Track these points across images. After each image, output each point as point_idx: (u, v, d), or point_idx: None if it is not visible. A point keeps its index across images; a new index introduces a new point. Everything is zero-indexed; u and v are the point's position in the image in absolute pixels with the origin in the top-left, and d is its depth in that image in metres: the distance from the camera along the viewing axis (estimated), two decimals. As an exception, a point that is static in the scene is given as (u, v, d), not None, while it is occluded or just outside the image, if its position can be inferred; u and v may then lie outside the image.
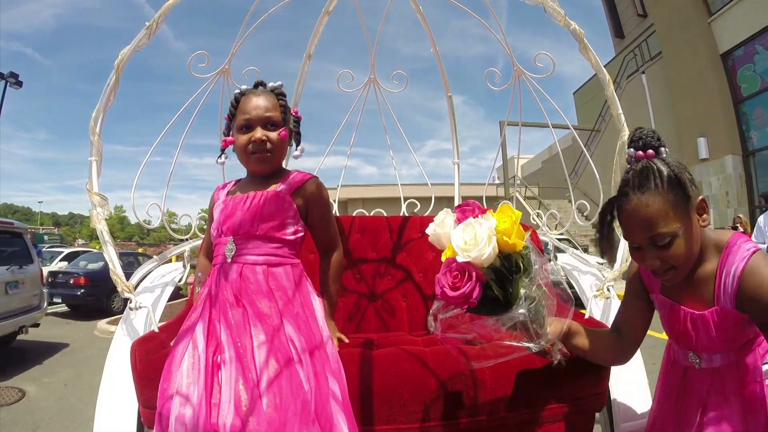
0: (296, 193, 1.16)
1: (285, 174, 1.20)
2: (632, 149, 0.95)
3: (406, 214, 2.31)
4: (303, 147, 1.26)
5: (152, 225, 2.44)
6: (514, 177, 13.95)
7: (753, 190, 9.31)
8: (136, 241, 33.26)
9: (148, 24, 1.57)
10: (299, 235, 1.16)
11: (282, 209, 1.12)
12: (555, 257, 1.98)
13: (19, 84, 12.69)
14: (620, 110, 1.59)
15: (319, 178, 1.21)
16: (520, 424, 1.16)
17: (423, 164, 3.03)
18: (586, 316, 1.44)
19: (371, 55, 2.62)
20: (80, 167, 1.56)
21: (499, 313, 0.92)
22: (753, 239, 2.52)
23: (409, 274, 1.99)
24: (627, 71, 13.45)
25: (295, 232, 1.14)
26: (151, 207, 1.86)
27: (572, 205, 2.06)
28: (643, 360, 1.35)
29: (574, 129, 2.36)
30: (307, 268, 1.20)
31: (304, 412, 0.91)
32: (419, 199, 2.53)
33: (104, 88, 1.54)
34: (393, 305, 1.93)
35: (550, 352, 1.05)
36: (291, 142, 1.25)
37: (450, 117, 2.84)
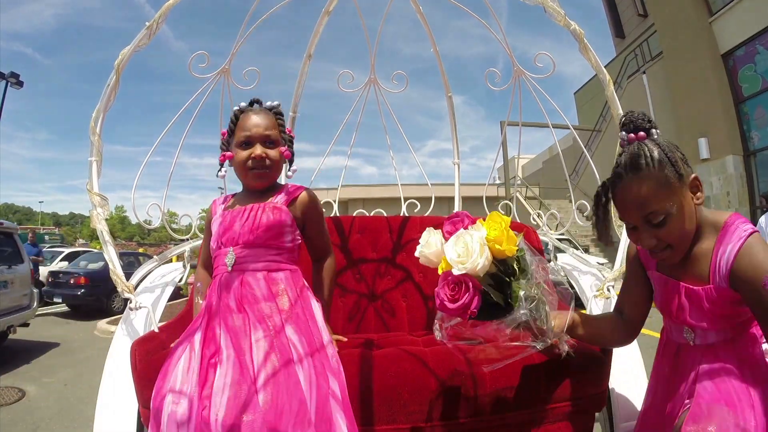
0: (292, 203, 1.20)
1: (280, 188, 1.25)
2: (624, 132, 0.97)
3: (406, 214, 2.31)
4: (296, 168, 1.30)
5: (153, 225, 2.44)
6: (514, 177, 13.93)
7: (754, 190, 9.28)
8: (137, 241, 33.34)
9: (148, 24, 1.58)
10: (297, 242, 1.20)
11: (280, 219, 1.15)
12: (555, 257, 1.98)
13: (20, 84, 12.68)
14: (621, 110, 1.59)
15: (311, 190, 1.26)
16: (520, 424, 1.16)
17: (423, 164, 3.03)
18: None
19: (371, 56, 2.62)
20: (81, 167, 1.57)
21: (501, 316, 0.93)
22: None
23: (409, 274, 1.99)
24: (628, 71, 13.42)
25: (292, 240, 1.18)
26: (151, 207, 1.86)
27: (573, 205, 2.06)
28: (643, 360, 1.35)
29: (575, 129, 2.36)
30: (305, 274, 1.23)
31: (300, 412, 0.91)
32: (419, 199, 2.53)
33: (104, 88, 1.54)
34: (393, 305, 1.93)
35: (557, 346, 1.06)
36: (284, 161, 1.29)
37: (450, 117, 2.84)
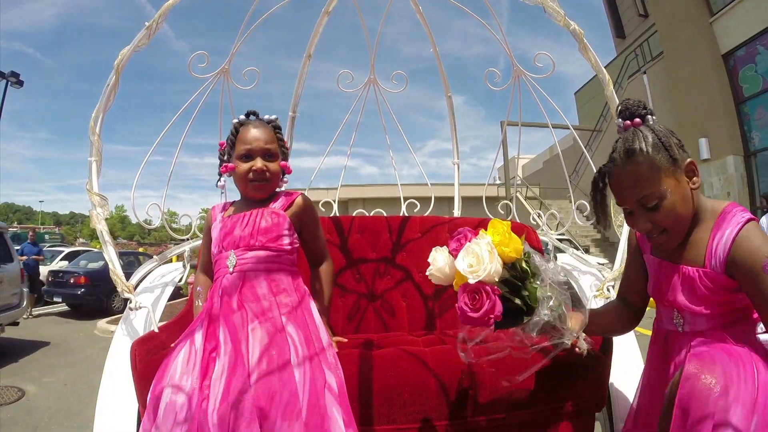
0: (289, 208, 1.25)
1: (276, 195, 1.29)
2: (620, 119, 1.00)
3: (406, 214, 2.31)
4: (287, 180, 1.34)
5: (153, 225, 2.44)
6: (514, 177, 13.93)
7: (754, 190, 9.28)
8: (137, 241, 33.36)
9: (147, 24, 1.58)
10: (295, 245, 1.24)
11: (278, 223, 1.20)
12: (555, 257, 1.98)
13: (20, 83, 12.67)
14: (619, 120, 1.58)
15: (306, 196, 1.30)
16: (520, 424, 1.16)
17: (423, 164, 3.03)
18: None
19: (371, 56, 2.62)
20: (81, 167, 1.56)
21: (525, 320, 0.93)
22: None
23: (409, 274, 1.99)
24: (628, 71, 13.42)
25: (291, 242, 1.22)
26: (151, 207, 1.86)
27: (573, 205, 2.06)
28: (642, 360, 1.35)
29: (575, 129, 2.36)
30: (304, 276, 1.25)
31: (290, 402, 0.94)
32: (419, 199, 2.53)
33: (104, 88, 1.54)
34: (393, 305, 1.93)
35: (577, 345, 1.04)
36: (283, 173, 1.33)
37: (450, 117, 2.84)
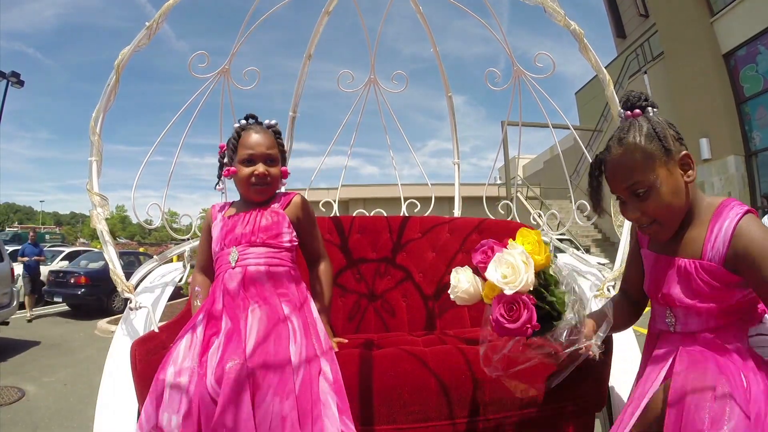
0: (288, 207, 1.30)
1: (275, 196, 1.33)
2: (622, 111, 1.00)
3: (406, 214, 2.31)
4: (286, 182, 1.39)
5: (153, 225, 2.44)
6: (515, 177, 13.93)
7: (755, 190, 9.26)
8: (138, 241, 33.37)
9: (148, 24, 1.58)
10: (294, 242, 1.27)
11: (278, 221, 1.24)
12: (555, 257, 1.98)
13: (21, 83, 12.68)
14: (621, 110, 1.58)
15: (303, 196, 1.35)
16: (521, 424, 1.16)
17: (424, 164, 3.04)
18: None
19: (371, 56, 2.62)
20: (82, 167, 1.57)
21: (555, 325, 0.94)
22: None
23: (409, 274, 1.99)
24: (629, 71, 13.40)
25: (291, 240, 1.26)
26: (151, 207, 1.86)
27: (573, 205, 2.05)
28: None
29: (576, 129, 2.37)
30: (305, 277, 1.28)
31: (282, 380, 0.98)
32: (419, 199, 2.53)
33: (104, 88, 1.54)
34: (393, 305, 1.93)
35: (590, 349, 1.02)
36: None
37: (450, 117, 2.84)
